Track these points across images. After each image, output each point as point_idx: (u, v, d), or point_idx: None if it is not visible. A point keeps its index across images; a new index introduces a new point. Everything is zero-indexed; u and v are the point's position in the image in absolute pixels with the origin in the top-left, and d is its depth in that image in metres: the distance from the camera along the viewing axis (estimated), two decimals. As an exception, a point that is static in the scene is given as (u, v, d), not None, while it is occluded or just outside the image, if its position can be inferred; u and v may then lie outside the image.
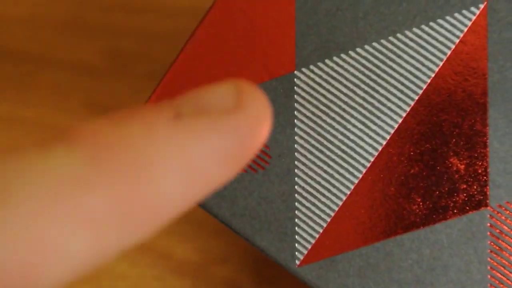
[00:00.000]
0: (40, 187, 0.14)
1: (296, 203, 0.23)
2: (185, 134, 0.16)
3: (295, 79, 0.23)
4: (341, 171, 0.23)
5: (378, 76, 0.23)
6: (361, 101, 0.23)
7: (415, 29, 0.23)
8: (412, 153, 0.22)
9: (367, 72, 0.23)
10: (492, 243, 0.22)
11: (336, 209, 0.23)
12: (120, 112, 0.16)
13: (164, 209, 0.15)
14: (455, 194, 0.22)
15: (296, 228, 0.23)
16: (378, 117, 0.23)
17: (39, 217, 0.14)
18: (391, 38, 0.23)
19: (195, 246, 0.34)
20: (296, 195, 0.23)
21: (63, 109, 0.37)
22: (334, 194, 0.23)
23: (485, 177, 0.22)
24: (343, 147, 0.23)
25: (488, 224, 0.22)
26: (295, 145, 0.23)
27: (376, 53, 0.23)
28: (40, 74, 0.37)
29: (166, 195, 0.15)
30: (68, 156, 0.15)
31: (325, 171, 0.23)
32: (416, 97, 0.23)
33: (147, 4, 0.37)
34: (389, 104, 0.23)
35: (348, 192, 0.23)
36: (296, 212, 0.23)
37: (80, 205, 0.14)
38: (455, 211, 0.22)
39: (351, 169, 0.23)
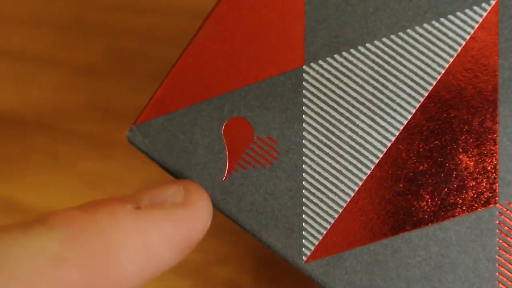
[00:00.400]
0: (26, 261, 0.17)
1: (303, 199, 0.23)
2: (143, 222, 0.19)
3: (303, 74, 0.23)
4: (349, 167, 0.22)
5: (388, 72, 0.23)
6: (370, 97, 0.23)
7: (425, 25, 0.22)
8: (421, 150, 0.22)
9: (376, 67, 0.23)
10: (500, 241, 0.22)
11: (344, 205, 0.22)
12: (90, 201, 0.20)
13: (124, 283, 0.19)
14: (464, 191, 0.22)
15: (303, 224, 0.22)
16: (387, 113, 0.22)
17: (27, 286, 0.17)
18: (401, 33, 0.23)
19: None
20: (303, 191, 0.23)
21: (63, 109, 0.37)
22: (342, 190, 0.22)
23: (494, 174, 0.22)
24: (352, 143, 0.23)
25: (497, 222, 0.22)
26: (303, 141, 0.23)
27: (386, 49, 0.23)
28: (40, 74, 0.37)
29: (127, 273, 0.19)
30: (48, 237, 0.18)
31: (333, 167, 0.23)
32: (426, 93, 0.22)
33: (148, 4, 0.37)
34: (398, 100, 0.22)
35: (356, 189, 0.22)
36: (304, 208, 0.22)
37: (60, 278, 0.18)
38: (464, 208, 0.22)
39: (359, 165, 0.22)
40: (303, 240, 0.22)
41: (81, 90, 0.37)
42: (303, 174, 0.23)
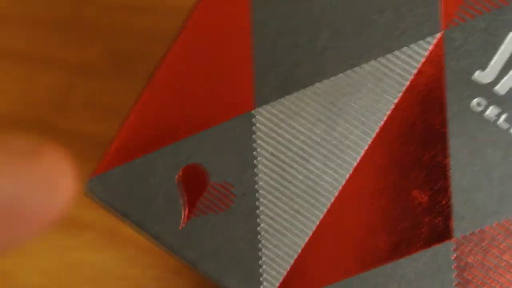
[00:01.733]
0: None
1: (261, 242, 0.23)
2: None
3: (254, 118, 0.23)
4: (305, 207, 0.23)
5: (338, 110, 0.23)
6: (322, 136, 0.23)
7: (373, 62, 0.22)
8: (374, 187, 0.22)
9: (327, 106, 0.23)
10: (457, 276, 0.22)
11: (302, 246, 0.23)
12: None
13: None
14: (419, 227, 0.22)
15: (263, 267, 0.23)
16: (340, 152, 0.23)
17: None
18: (349, 72, 0.23)
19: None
20: (261, 234, 0.23)
21: (63, 109, 0.37)
22: (299, 231, 0.23)
23: (448, 209, 0.22)
24: (307, 183, 0.23)
25: (453, 256, 0.22)
26: (259, 184, 0.23)
27: (335, 87, 0.23)
28: (40, 74, 0.37)
29: None
30: None
31: (289, 208, 0.23)
32: (376, 130, 0.22)
33: (148, 4, 0.37)
34: (350, 138, 0.22)
35: (313, 229, 0.23)
36: (262, 251, 0.23)
37: None
38: (420, 244, 0.22)
39: (315, 205, 0.23)
40: (265, 283, 0.23)
41: (81, 90, 0.37)
42: (260, 217, 0.23)
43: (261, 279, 0.23)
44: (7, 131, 0.38)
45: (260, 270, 0.23)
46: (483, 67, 0.22)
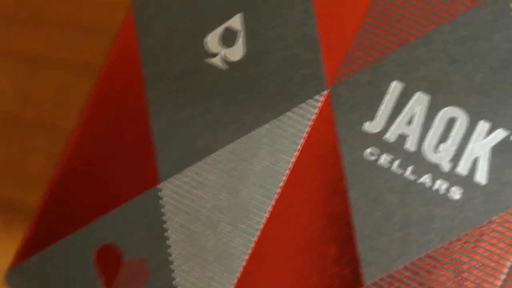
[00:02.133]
0: None
1: None
2: None
3: (161, 191, 0.24)
4: (219, 273, 0.23)
5: (240, 175, 0.23)
6: (227, 202, 0.23)
7: (266, 125, 0.23)
8: (284, 246, 0.23)
9: (228, 172, 0.23)
10: None
11: None
12: None
13: None
14: (331, 279, 0.23)
15: None
16: (246, 216, 0.23)
17: None
18: (244, 137, 0.23)
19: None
20: None
21: (63, 109, 0.37)
22: None
23: (355, 258, 0.23)
24: (218, 249, 0.23)
25: None
26: (172, 255, 0.23)
27: (234, 154, 0.23)
28: (40, 74, 0.37)
29: None
30: None
31: (204, 276, 0.23)
32: (278, 191, 0.23)
33: None
34: (253, 202, 0.23)
35: None
36: None
37: None
38: None
39: (229, 270, 0.23)
40: None
41: (81, 90, 0.37)
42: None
43: None
44: (7, 131, 0.37)
45: None
46: (372, 117, 0.23)
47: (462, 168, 0.22)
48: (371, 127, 0.23)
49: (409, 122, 0.23)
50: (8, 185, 0.37)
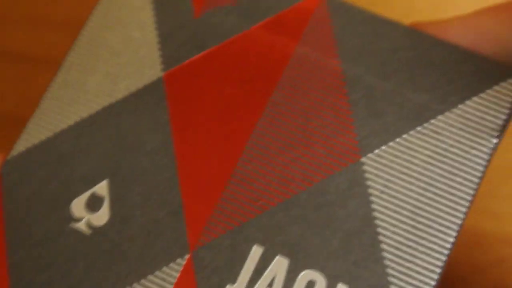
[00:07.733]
0: None
1: None
2: None
3: None
4: None
5: None
6: None
7: (128, 289, 0.23)
8: None
9: None
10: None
11: None
12: None
13: None
14: None
15: None
16: None
17: None
18: (105, 301, 0.23)
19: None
20: None
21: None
22: None
23: None
24: None
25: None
26: None
27: None
28: (40, 74, 0.37)
29: None
30: None
31: None
32: None
33: None
34: None
35: None
36: None
37: None
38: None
39: None
40: None
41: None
42: None
43: None
44: (7, 131, 0.36)
45: None
46: (233, 280, 0.23)
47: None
48: (233, 290, 0.23)
49: (270, 285, 0.23)
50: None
